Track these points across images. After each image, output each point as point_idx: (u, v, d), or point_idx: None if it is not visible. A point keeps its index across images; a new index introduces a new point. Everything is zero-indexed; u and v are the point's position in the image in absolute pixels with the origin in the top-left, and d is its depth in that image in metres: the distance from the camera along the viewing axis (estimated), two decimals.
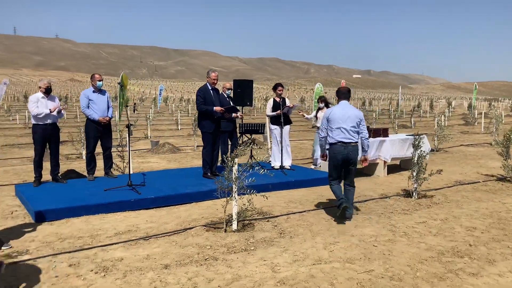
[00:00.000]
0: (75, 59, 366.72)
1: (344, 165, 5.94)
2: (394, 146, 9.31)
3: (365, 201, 6.98)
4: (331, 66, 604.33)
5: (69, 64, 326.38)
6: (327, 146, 6.03)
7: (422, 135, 9.12)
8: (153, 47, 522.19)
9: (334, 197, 6.12)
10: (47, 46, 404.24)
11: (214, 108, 7.78)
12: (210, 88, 7.97)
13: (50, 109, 7.29)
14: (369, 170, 9.42)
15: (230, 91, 9.21)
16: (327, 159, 6.13)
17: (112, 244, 4.91)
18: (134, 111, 9.33)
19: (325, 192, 7.61)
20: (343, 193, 5.98)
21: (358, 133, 5.97)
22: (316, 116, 10.11)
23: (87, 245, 4.91)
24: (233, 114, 8.76)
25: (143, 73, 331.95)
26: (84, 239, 5.12)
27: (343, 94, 6.17)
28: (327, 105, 9.98)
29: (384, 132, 9.47)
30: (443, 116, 17.29)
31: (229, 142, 8.88)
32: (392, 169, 9.84)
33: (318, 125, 9.77)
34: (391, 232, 5.35)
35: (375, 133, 9.31)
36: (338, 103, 6.20)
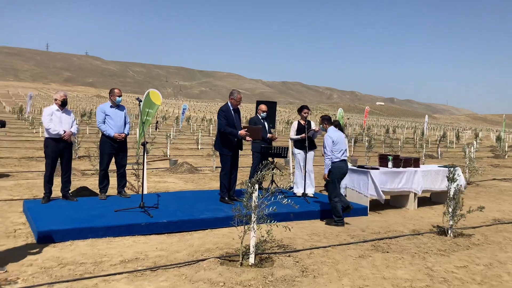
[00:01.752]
0: (103, 76, 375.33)
1: (341, 179, 7.18)
2: (426, 178, 8.68)
3: (396, 237, 6.35)
4: (354, 92, 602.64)
5: (96, 81, 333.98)
6: (330, 166, 6.94)
7: (456, 166, 8.49)
8: (178, 67, 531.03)
9: (337, 218, 6.93)
10: (77, 62, 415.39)
11: (239, 132, 7.35)
12: (231, 108, 7.56)
13: (64, 132, 6.96)
14: (397, 202, 8.78)
15: (265, 113, 8.86)
16: (329, 176, 6.95)
17: (116, 274, 4.43)
18: (156, 129, 8.99)
19: (352, 224, 7.03)
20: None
21: None
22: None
23: (88, 273, 4.43)
24: (268, 135, 8.72)
25: (168, 92, 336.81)
26: (87, 266, 4.66)
27: (330, 120, 7.37)
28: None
29: (415, 162, 8.85)
30: (472, 147, 16.50)
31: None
32: (423, 202, 9.17)
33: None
34: (428, 276, 4.73)
35: (405, 162, 8.70)
36: (329, 128, 7.25)
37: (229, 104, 7.58)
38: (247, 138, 7.49)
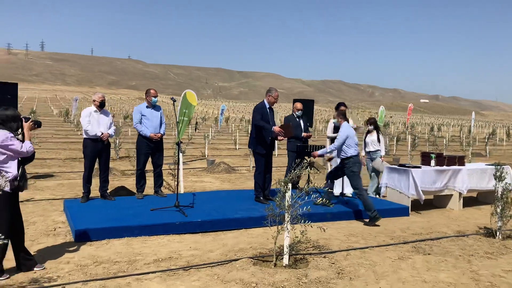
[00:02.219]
0: (145, 79, 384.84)
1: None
2: (471, 177, 8.25)
3: (439, 238, 6.05)
4: (397, 89, 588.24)
5: (139, 83, 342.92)
6: (346, 157, 7.06)
7: (504, 165, 8.02)
8: (218, 69, 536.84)
9: (371, 213, 6.78)
10: (120, 66, 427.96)
11: (273, 128, 7.23)
12: (267, 106, 7.46)
13: (101, 133, 7.08)
14: (441, 202, 8.40)
15: (300, 111, 8.72)
16: (354, 170, 7.04)
17: (149, 273, 4.43)
18: (195, 130, 9.04)
19: (390, 225, 6.77)
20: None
21: None
22: (364, 141, 9.09)
23: (121, 272, 4.46)
24: (303, 134, 8.55)
25: (208, 94, 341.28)
26: (121, 264, 4.69)
27: (345, 116, 7.38)
28: (376, 128, 9.01)
29: (460, 160, 8.44)
30: None
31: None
32: (468, 202, 8.73)
33: (367, 150, 8.89)
34: (474, 281, 4.45)
35: (449, 160, 8.31)
36: (343, 123, 7.23)
37: (265, 102, 7.48)
38: (279, 137, 7.37)
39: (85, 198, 7.11)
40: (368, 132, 9.02)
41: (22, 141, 4.30)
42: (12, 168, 4.20)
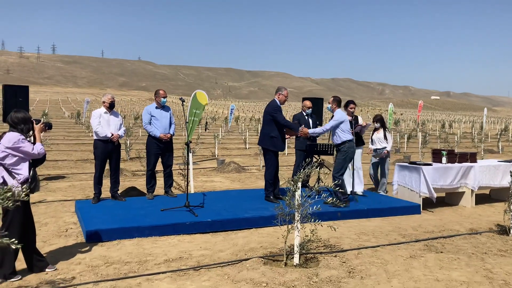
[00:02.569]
0: (155, 80, 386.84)
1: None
2: (484, 174, 8.14)
3: (451, 236, 5.98)
4: (407, 87, 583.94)
5: (149, 84, 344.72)
6: (341, 141, 7.19)
7: None
8: (227, 69, 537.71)
9: (342, 195, 7.02)
10: (130, 67, 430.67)
11: (301, 129, 7.37)
12: (279, 105, 7.43)
13: (111, 134, 7.12)
14: (453, 199, 8.31)
15: (310, 109, 8.71)
16: (345, 156, 7.17)
17: (159, 273, 4.44)
18: (205, 130, 9.06)
19: (403, 223, 6.71)
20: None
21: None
22: (371, 138, 9.04)
23: (132, 272, 4.48)
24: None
25: (218, 94, 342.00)
26: (131, 265, 4.71)
27: (340, 103, 7.47)
28: (383, 126, 8.95)
29: (472, 157, 8.34)
30: None
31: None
32: (481, 199, 8.62)
33: (374, 147, 8.83)
34: (487, 279, 4.39)
35: (461, 157, 8.22)
36: (338, 109, 7.35)
37: (277, 101, 7.45)
38: (287, 135, 7.41)
39: (96, 199, 7.15)
40: (375, 129, 8.97)
41: (34, 143, 4.33)
42: (23, 170, 4.24)
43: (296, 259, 4.71)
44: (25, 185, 4.08)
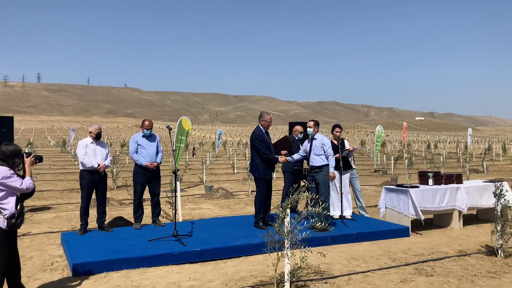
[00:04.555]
0: (142, 106, 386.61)
1: None
2: (471, 194, 8.22)
3: (440, 259, 5.99)
4: (392, 108, 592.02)
5: (136, 111, 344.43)
6: (324, 164, 7.49)
7: (502, 181, 8.02)
8: (214, 94, 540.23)
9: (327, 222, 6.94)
10: (117, 94, 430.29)
11: (279, 158, 7.34)
12: (263, 131, 7.48)
13: (98, 164, 7.07)
14: (441, 221, 8.35)
15: (302, 134, 8.79)
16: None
17: None
18: (193, 155, 9.05)
19: (392, 246, 6.71)
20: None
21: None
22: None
23: None
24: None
25: (205, 119, 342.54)
26: None
27: (318, 125, 7.79)
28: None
29: (457, 178, 8.43)
30: None
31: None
32: (469, 220, 8.68)
33: None
34: None
35: (447, 179, 8.30)
36: (318, 134, 7.70)
37: (261, 127, 7.49)
38: (281, 159, 7.50)
39: (82, 230, 7.03)
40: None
41: (23, 176, 4.26)
42: (10, 205, 4.14)
43: (286, 287, 4.66)
44: (12, 220, 4.01)
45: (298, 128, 8.88)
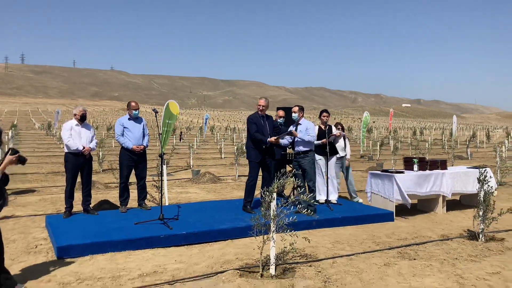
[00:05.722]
0: (128, 90, 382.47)
1: None
2: (455, 180, 8.34)
3: (424, 243, 6.09)
4: (379, 95, 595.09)
5: (122, 94, 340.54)
6: (310, 149, 7.60)
7: (486, 167, 8.14)
8: (202, 78, 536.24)
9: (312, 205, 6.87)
10: (103, 77, 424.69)
11: (268, 139, 7.29)
12: (259, 115, 7.48)
13: (83, 147, 6.99)
14: (425, 206, 8.47)
15: (282, 119, 8.76)
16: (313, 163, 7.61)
17: None
18: (180, 140, 9.00)
19: (377, 231, 6.80)
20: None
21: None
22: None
23: None
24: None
25: (192, 103, 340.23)
26: (104, 280, 4.61)
27: (303, 110, 7.85)
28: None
29: (442, 164, 8.53)
30: (503, 146, 15.91)
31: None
32: (452, 205, 8.82)
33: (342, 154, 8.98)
34: (458, 284, 4.48)
35: (432, 165, 8.40)
36: (302, 119, 7.76)
37: (257, 112, 7.55)
38: (271, 139, 7.43)
39: (67, 213, 6.99)
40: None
41: None
42: None
43: (272, 270, 4.70)
44: None
45: (280, 112, 8.88)
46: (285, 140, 7.70)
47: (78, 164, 7.04)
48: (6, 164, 4.05)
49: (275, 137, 7.34)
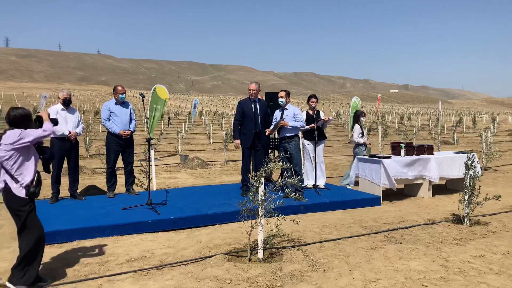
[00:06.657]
0: (115, 74, 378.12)
1: None
2: (442, 165, 8.43)
3: (410, 227, 6.16)
4: (367, 80, 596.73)
5: (109, 79, 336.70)
6: (295, 134, 7.59)
7: (473, 152, 8.23)
8: (190, 63, 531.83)
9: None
10: (89, 61, 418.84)
11: (235, 141, 7.57)
12: (251, 100, 7.50)
13: (69, 132, 6.91)
14: (412, 190, 8.57)
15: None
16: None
17: (121, 273, 4.35)
18: (168, 125, 8.94)
19: (364, 215, 6.86)
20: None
21: None
22: (362, 132, 9.20)
23: (93, 274, 4.37)
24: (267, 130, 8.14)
25: (180, 88, 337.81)
26: (92, 266, 4.59)
27: (289, 94, 7.81)
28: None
29: (429, 149, 8.61)
30: (489, 132, 16.10)
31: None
32: (438, 189, 8.93)
33: (364, 140, 9.05)
34: (443, 267, 4.55)
35: (419, 150, 8.47)
36: (289, 104, 7.74)
37: (249, 97, 7.60)
38: (267, 131, 7.60)
39: (54, 198, 6.93)
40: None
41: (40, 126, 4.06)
42: (27, 173, 3.96)
43: (260, 254, 4.72)
44: (31, 189, 3.91)
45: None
46: (298, 123, 7.64)
47: (65, 149, 6.97)
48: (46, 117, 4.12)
49: (269, 129, 7.47)
